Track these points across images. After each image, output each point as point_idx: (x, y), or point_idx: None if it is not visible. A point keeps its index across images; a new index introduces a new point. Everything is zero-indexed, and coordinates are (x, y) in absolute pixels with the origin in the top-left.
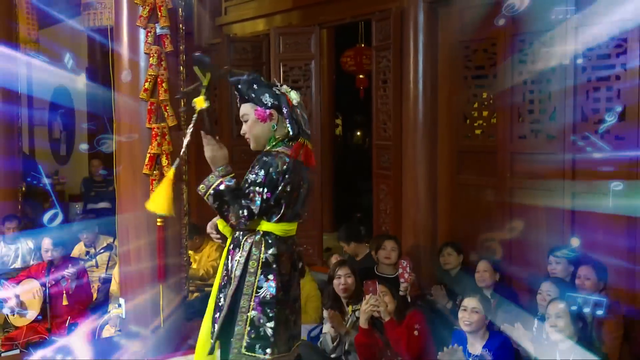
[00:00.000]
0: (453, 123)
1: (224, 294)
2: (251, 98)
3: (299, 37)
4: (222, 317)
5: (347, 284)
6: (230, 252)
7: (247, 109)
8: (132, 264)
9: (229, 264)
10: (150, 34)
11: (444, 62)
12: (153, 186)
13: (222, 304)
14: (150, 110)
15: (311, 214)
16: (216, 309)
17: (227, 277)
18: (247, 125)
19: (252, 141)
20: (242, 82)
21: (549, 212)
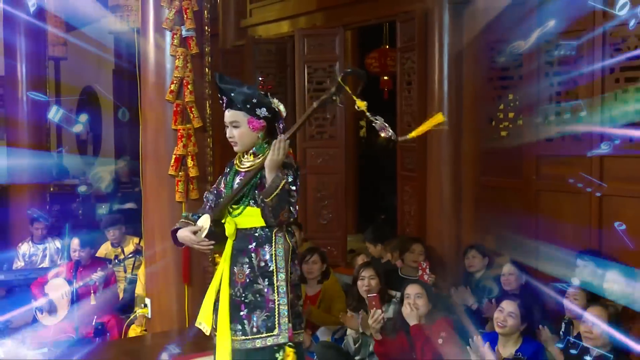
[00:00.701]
0: (478, 124)
1: (253, 290)
2: (245, 109)
3: (323, 39)
4: (286, 305)
5: (370, 285)
6: (253, 249)
7: (239, 117)
8: (158, 264)
9: (255, 261)
10: (176, 36)
11: (469, 63)
12: (178, 187)
13: (251, 299)
14: (175, 112)
15: (335, 216)
16: (236, 305)
17: (253, 274)
18: (238, 132)
19: (238, 145)
20: (237, 93)
21: (576, 215)
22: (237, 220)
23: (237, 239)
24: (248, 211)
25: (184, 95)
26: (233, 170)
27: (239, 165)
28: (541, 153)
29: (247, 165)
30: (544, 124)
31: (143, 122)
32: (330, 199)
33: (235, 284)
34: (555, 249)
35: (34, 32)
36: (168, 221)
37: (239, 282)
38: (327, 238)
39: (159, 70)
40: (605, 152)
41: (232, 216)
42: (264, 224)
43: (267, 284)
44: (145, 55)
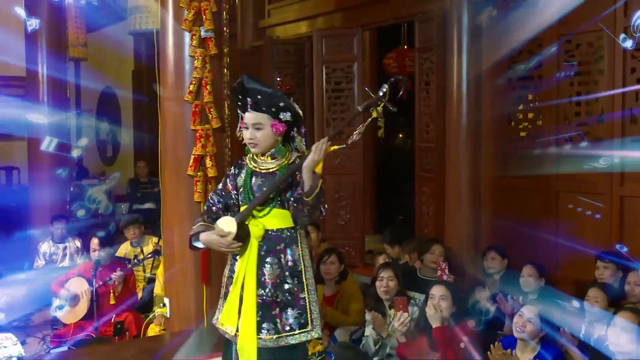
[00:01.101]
0: (497, 125)
1: (283, 290)
2: (270, 111)
3: (342, 39)
4: (315, 301)
5: (388, 286)
6: (282, 250)
7: (263, 119)
8: (177, 264)
9: (284, 261)
10: (195, 36)
11: (487, 63)
12: (197, 187)
13: (282, 298)
14: (194, 113)
15: (353, 216)
16: (267, 305)
17: (283, 274)
18: (261, 134)
19: (258, 147)
20: (264, 96)
21: (596, 216)
22: (264, 221)
23: (263, 240)
24: (275, 212)
25: (202, 95)
26: (248, 172)
27: (255, 166)
28: (561, 153)
29: (267, 167)
30: (564, 124)
31: (162, 122)
32: (348, 200)
33: (265, 285)
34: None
35: (54, 33)
36: (187, 221)
37: (269, 282)
38: (345, 238)
39: (178, 71)
40: (626, 152)
41: (256, 218)
42: (289, 224)
43: (297, 283)
44: (165, 56)
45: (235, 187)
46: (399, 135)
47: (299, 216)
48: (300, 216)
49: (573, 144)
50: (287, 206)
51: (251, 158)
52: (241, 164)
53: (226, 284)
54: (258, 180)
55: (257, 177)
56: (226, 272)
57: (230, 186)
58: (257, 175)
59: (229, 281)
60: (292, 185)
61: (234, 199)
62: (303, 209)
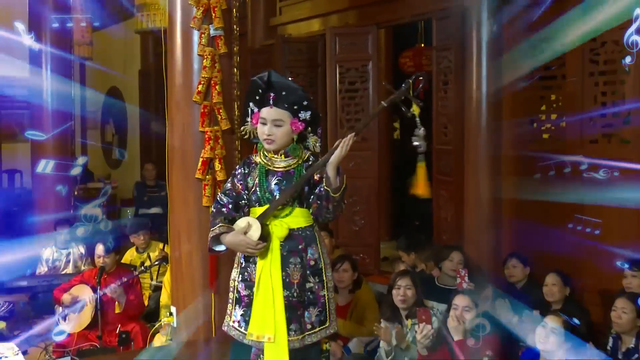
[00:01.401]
0: (519, 126)
1: (306, 289)
2: (292, 109)
3: (356, 38)
4: (333, 298)
5: (406, 295)
6: (303, 249)
7: (284, 116)
8: (184, 271)
9: (306, 260)
10: (204, 35)
11: (508, 61)
12: (205, 191)
13: (304, 298)
14: (203, 114)
15: (368, 221)
16: (293, 306)
17: (305, 274)
18: (280, 131)
19: (275, 144)
20: (289, 92)
21: (624, 222)
22: (287, 221)
23: (285, 240)
24: (297, 212)
25: (211, 96)
26: (261, 171)
27: (269, 164)
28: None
29: (282, 166)
30: (589, 126)
31: (170, 124)
32: (362, 204)
33: (290, 285)
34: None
35: (59, 32)
36: (195, 226)
37: (294, 282)
38: (359, 245)
39: (186, 71)
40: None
41: (277, 218)
42: (309, 223)
43: (318, 281)
44: (172, 55)
45: (245, 187)
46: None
47: (322, 213)
48: (323, 213)
49: (598, 145)
50: (307, 204)
51: (263, 156)
52: (250, 163)
53: (237, 288)
54: (275, 179)
55: (273, 176)
56: (235, 276)
57: (239, 186)
58: (273, 174)
59: (241, 285)
60: (310, 183)
61: (245, 199)
62: (328, 205)
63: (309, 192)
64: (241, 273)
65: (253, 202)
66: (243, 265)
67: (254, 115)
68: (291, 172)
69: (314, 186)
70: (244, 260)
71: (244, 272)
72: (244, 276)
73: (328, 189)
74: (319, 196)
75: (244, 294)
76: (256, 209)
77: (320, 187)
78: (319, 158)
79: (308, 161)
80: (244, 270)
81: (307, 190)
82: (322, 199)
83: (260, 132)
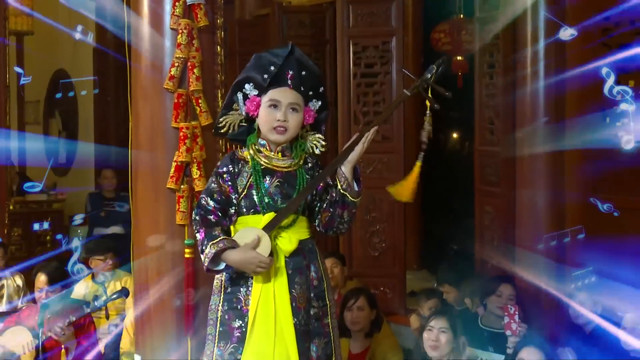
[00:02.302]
0: (586, 121)
1: (311, 315)
2: (307, 94)
3: (375, 6)
4: (337, 327)
5: (439, 341)
6: (307, 266)
7: (300, 101)
8: (152, 310)
9: (309, 281)
10: (179, 3)
11: (575, 40)
12: (180, 205)
13: (310, 325)
14: (177, 105)
15: (391, 245)
16: (301, 336)
17: (309, 296)
18: (295, 118)
19: (287, 134)
20: (310, 72)
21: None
22: (291, 232)
23: (291, 256)
24: (301, 221)
25: (188, 82)
26: (257, 170)
27: (267, 163)
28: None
29: (284, 165)
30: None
31: (134, 118)
32: (383, 223)
33: (298, 311)
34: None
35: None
36: (166, 250)
37: (301, 307)
38: (379, 275)
39: (155, 50)
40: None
41: (281, 229)
42: (309, 235)
43: (322, 306)
44: (137, 30)
45: (235, 190)
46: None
47: (334, 224)
48: (336, 224)
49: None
50: (309, 213)
51: (256, 152)
52: (237, 160)
53: (221, 320)
54: (275, 180)
55: (272, 177)
56: (217, 304)
57: (227, 188)
58: (271, 175)
59: (228, 315)
60: (312, 191)
61: (234, 205)
62: (343, 213)
63: (312, 198)
64: (227, 300)
65: (243, 209)
66: (229, 290)
67: (250, 100)
68: (293, 174)
69: (319, 193)
70: (230, 283)
71: (231, 298)
72: (232, 304)
73: (345, 193)
74: (331, 202)
75: (234, 326)
76: (247, 218)
77: (332, 192)
78: (318, 161)
79: (307, 163)
80: (232, 296)
81: (309, 198)
82: (336, 205)
83: (268, 118)
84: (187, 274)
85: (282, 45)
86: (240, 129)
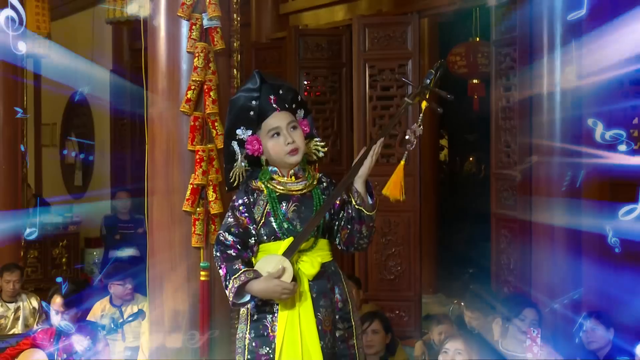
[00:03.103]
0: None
1: (336, 337)
2: (291, 109)
3: (392, 29)
4: (362, 348)
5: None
6: (330, 289)
7: (292, 117)
8: (167, 332)
9: (334, 301)
10: (195, 27)
11: (590, 60)
12: (196, 228)
13: (336, 349)
14: (193, 128)
15: (406, 268)
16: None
17: (335, 319)
18: (299, 134)
19: (300, 152)
20: (285, 89)
21: None
22: (313, 255)
23: (314, 280)
24: (321, 244)
25: (204, 105)
26: (272, 197)
27: (281, 189)
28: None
29: (299, 188)
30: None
31: (150, 141)
32: (399, 246)
33: (324, 334)
34: None
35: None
36: (181, 272)
37: (327, 330)
38: (394, 299)
39: (171, 72)
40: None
41: (302, 252)
42: (331, 257)
43: (347, 327)
44: (155, 52)
45: (252, 221)
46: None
47: (355, 240)
48: (356, 240)
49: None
50: (329, 234)
51: (268, 180)
52: (251, 190)
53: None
54: (291, 205)
55: (288, 202)
56: (245, 332)
57: (244, 220)
58: (286, 200)
59: (255, 342)
60: (329, 211)
61: (253, 235)
62: (361, 228)
63: (331, 218)
64: (254, 328)
65: (264, 237)
66: (255, 318)
67: (248, 142)
68: (308, 196)
69: (335, 212)
70: (256, 310)
71: (257, 326)
72: (259, 331)
73: (360, 208)
74: (348, 219)
75: (262, 354)
76: (269, 245)
77: (348, 209)
78: (332, 180)
79: (321, 183)
80: (258, 324)
81: (326, 218)
82: (353, 221)
83: (277, 147)
84: (202, 297)
85: (248, 80)
86: (248, 174)
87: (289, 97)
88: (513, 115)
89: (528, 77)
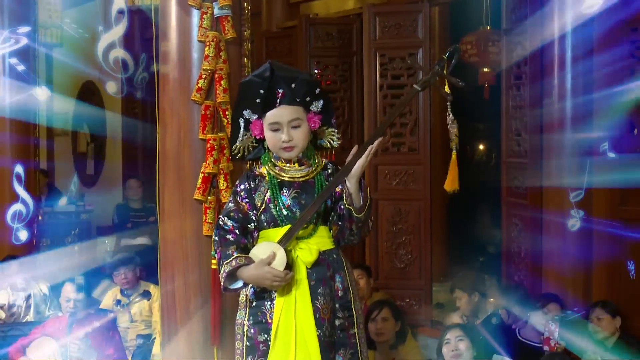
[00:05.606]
0: (617, 133)
1: (335, 326)
2: (304, 102)
3: (402, 18)
4: (364, 337)
5: (458, 350)
6: (331, 277)
7: (300, 113)
8: (178, 319)
9: (334, 291)
10: (206, 16)
11: (602, 47)
12: (207, 216)
13: (335, 337)
14: (204, 116)
15: (417, 257)
16: (326, 347)
17: (334, 307)
18: (300, 133)
19: (296, 150)
20: (299, 82)
21: None
22: (312, 243)
23: (313, 267)
24: (321, 231)
25: (215, 94)
26: (274, 183)
27: (282, 175)
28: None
29: (300, 175)
30: None
31: (162, 129)
32: (410, 235)
33: (322, 323)
34: None
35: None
36: (193, 260)
37: (325, 318)
38: (405, 287)
39: (183, 61)
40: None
41: (300, 239)
42: (333, 245)
43: (347, 316)
44: (166, 42)
45: (253, 206)
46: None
47: (345, 236)
48: (346, 236)
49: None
50: (328, 222)
51: (271, 167)
52: (254, 176)
53: (247, 334)
54: (292, 192)
55: (288, 189)
56: (243, 319)
57: (245, 205)
58: (287, 187)
59: (254, 330)
60: (330, 199)
61: (253, 221)
62: (351, 226)
63: (332, 206)
64: (252, 314)
65: (264, 224)
66: (254, 305)
67: (253, 124)
68: (310, 183)
69: (336, 200)
70: (255, 297)
71: (255, 312)
72: (257, 317)
73: (350, 208)
74: (339, 216)
75: (259, 340)
76: (269, 232)
77: (340, 205)
78: (338, 167)
79: (326, 169)
80: (257, 310)
81: (329, 205)
82: (343, 219)
83: (273, 141)
84: (213, 285)
85: (262, 67)
86: (254, 150)
87: (301, 91)
88: (524, 104)
89: (539, 66)
